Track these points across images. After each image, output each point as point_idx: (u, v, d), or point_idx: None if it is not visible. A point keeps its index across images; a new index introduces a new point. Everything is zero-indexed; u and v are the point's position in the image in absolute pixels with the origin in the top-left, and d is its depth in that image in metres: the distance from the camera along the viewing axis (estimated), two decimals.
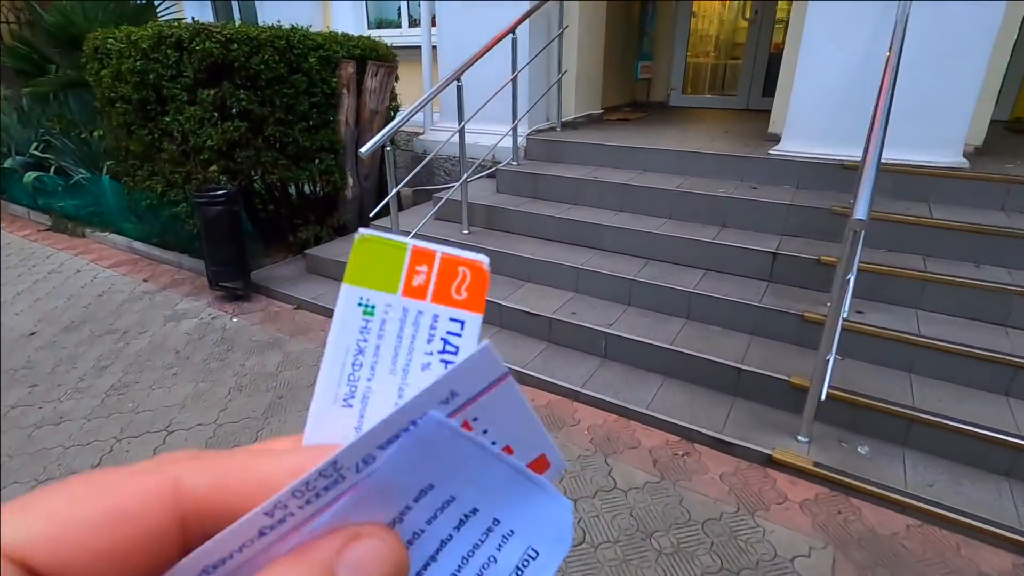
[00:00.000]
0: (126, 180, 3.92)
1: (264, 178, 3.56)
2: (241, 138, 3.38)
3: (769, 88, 5.62)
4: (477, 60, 3.10)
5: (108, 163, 4.20)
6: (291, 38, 3.44)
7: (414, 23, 5.76)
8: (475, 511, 0.21)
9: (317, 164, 3.77)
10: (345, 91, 3.77)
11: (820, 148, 3.09)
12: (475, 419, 0.20)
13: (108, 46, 3.49)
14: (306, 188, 3.90)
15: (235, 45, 3.19)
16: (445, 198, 3.36)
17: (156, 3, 6.23)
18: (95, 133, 4.61)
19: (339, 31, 3.87)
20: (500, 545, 0.21)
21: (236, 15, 7.24)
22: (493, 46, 3.20)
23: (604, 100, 4.87)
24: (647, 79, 6.00)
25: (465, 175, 3.27)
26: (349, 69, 3.71)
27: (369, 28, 6.26)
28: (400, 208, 4.25)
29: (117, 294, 3.51)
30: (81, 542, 0.15)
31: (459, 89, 3.07)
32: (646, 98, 6.19)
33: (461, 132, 3.19)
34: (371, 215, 2.97)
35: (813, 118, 3.10)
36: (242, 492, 0.18)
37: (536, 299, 2.90)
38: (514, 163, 3.77)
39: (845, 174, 2.96)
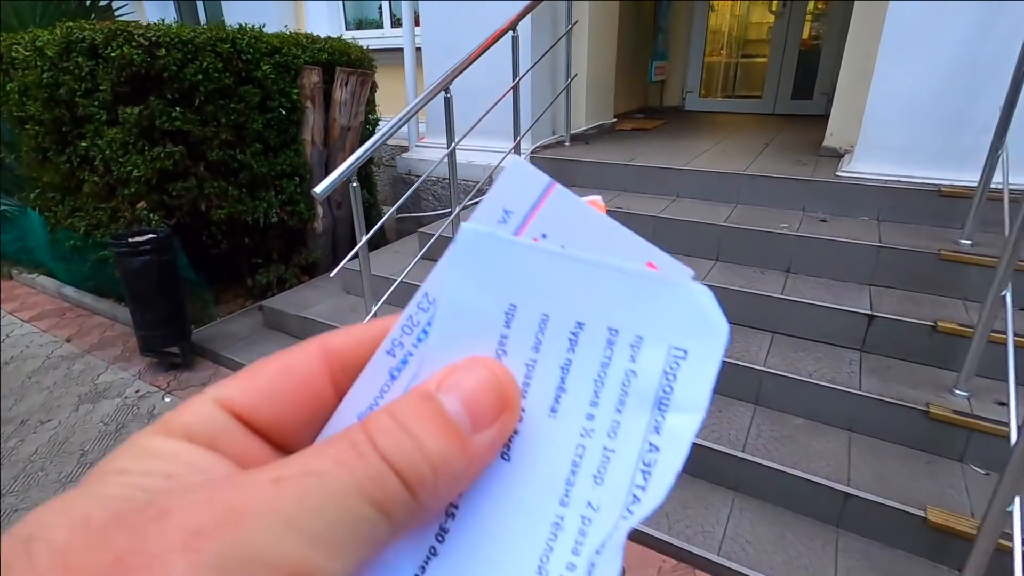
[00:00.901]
0: (47, 215, 3.25)
1: (210, 213, 2.89)
2: (177, 166, 2.71)
3: (799, 90, 5.00)
4: (471, 63, 2.44)
5: (31, 193, 3.52)
6: (238, 41, 2.77)
7: (398, 23, 5.10)
8: (580, 325, 0.19)
9: (277, 193, 3.10)
10: (309, 104, 3.10)
11: (906, 169, 2.44)
12: (544, 236, 0.19)
13: (13, 54, 2.82)
14: (269, 218, 3.21)
15: (162, 51, 2.52)
16: (436, 234, 2.70)
17: (106, 3, 5.55)
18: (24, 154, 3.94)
19: (303, 32, 3.20)
20: (632, 356, 0.18)
21: (202, 17, 6.57)
22: (490, 46, 2.55)
23: (616, 106, 4.22)
24: (661, 81, 5.35)
25: (457, 208, 2.61)
26: (313, 77, 3.04)
27: (348, 29, 5.60)
28: (379, 243, 3.59)
29: (29, 361, 2.83)
30: (264, 389, 0.20)
31: (447, 101, 2.41)
32: (660, 102, 5.55)
33: (451, 154, 2.53)
34: (340, 265, 2.30)
35: (896, 131, 2.45)
36: (372, 342, 0.21)
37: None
38: None
39: (943, 203, 2.31)
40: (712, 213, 2.59)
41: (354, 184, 2.03)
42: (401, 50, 4.05)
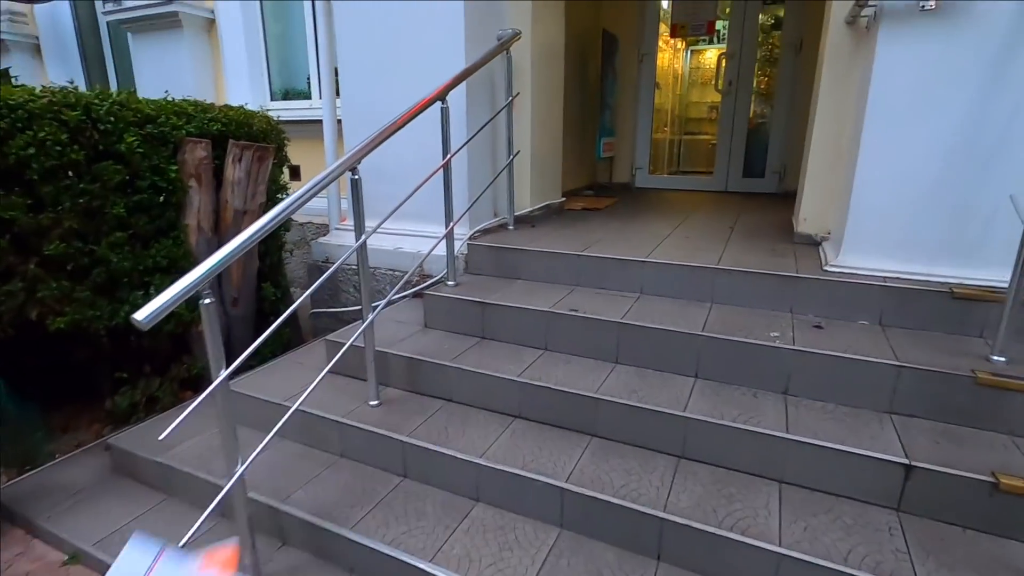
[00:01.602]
0: None
1: (45, 323, 2.21)
2: None
3: (750, 168, 4.85)
4: (383, 140, 1.96)
5: None
6: (94, 108, 2.20)
7: None
8: None
9: (147, 293, 2.45)
10: (194, 183, 2.53)
11: (906, 264, 2.08)
12: None
13: None
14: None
15: None
16: (347, 344, 2.10)
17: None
18: None
19: (191, 99, 2.68)
20: None
21: (112, 83, 6.01)
22: (409, 120, 2.09)
23: (564, 184, 3.86)
24: (610, 158, 5.10)
25: (370, 316, 2.04)
26: (199, 152, 2.49)
27: (274, 100, 5.17)
28: (290, 343, 2.97)
29: None
30: None
31: (355, 184, 1.91)
32: (609, 179, 5.29)
33: (361, 248, 2.00)
34: (176, 421, 1.66)
35: (890, 221, 2.10)
36: None
37: (491, 544, 1.64)
38: (451, 283, 2.59)
39: (957, 307, 1.94)
40: (686, 317, 2.13)
41: (206, 301, 1.45)
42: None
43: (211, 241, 2.67)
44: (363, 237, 1.96)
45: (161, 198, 2.44)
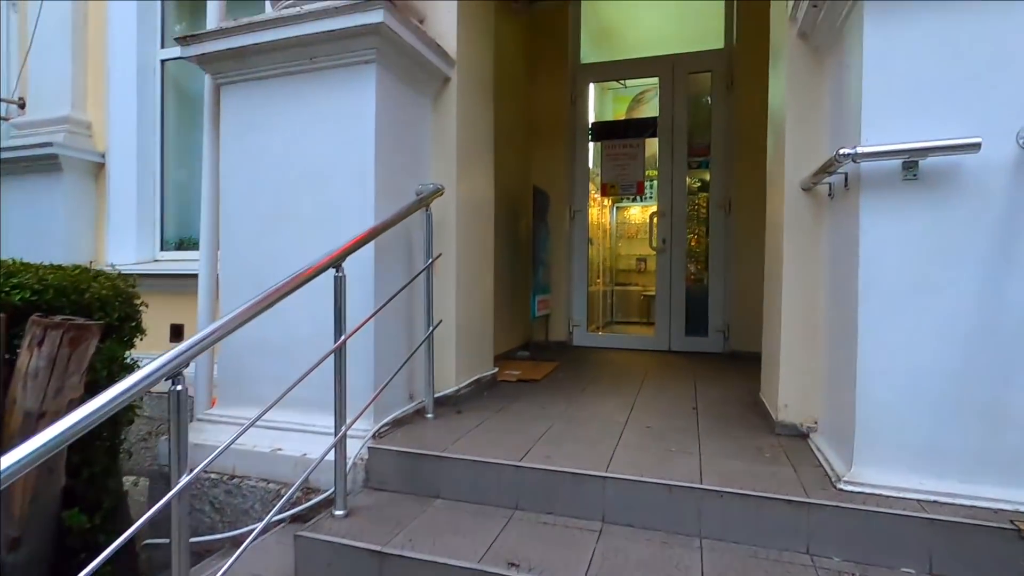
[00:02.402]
0: None
1: None
2: None
3: (693, 327, 4.58)
4: (227, 333, 1.36)
5: None
6: None
7: None
8: None
9: None
10: None
11: (939, 480, 1.60)
12: None
13: None
14: None
15: None
16: None
17: None
18: None
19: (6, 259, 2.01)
20: None
21: None
22: (282, 297, 1.51)
23: (496, 345, 3.33)
24: (545, 315, 4.71)
25: None
26: None
27: (165, 250, 4.53)
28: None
29: None
30: None
31: (173, 399, 1.24)
32: (545, 337, 4.84)
33: (179, 495, 1.28)
34: None
35: (909, 425, 1.65)
36: None
37: None
38: (340, 511, 1.84)
39: (1018, 550, 1.43)
40: (670, 567, 1.49)
41: None
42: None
43: None
44: (184, 479, 1.25)
45: None
